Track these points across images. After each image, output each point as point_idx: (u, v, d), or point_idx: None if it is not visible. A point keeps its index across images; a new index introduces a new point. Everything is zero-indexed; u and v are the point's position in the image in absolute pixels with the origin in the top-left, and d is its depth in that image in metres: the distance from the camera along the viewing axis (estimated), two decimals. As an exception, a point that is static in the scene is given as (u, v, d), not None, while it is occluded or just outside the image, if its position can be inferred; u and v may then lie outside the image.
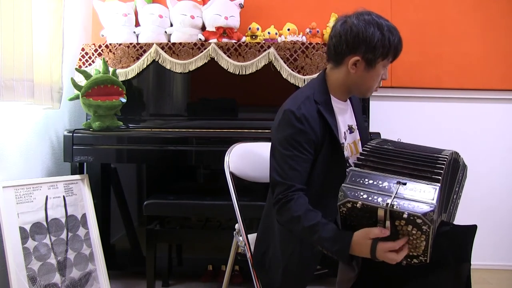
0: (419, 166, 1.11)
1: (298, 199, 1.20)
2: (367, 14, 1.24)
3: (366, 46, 1.22)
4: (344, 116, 1.39)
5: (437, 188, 1.05)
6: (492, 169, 2.59)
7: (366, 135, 1.49)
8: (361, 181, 1.11)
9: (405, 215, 1.01)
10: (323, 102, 1.30)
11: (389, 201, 1.03)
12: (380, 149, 1.21)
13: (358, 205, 1.06)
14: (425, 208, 1.00)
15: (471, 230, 1.20)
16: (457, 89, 2.57)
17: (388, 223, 1.04)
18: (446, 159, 1.13)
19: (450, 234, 1.20)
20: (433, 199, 1.02)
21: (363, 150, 1.22)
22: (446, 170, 1.12)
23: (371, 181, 1.11)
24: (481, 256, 2.47)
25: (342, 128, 1.36)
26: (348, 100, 1.43)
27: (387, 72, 1.31)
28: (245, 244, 1.49)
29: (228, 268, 1.72)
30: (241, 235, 1.52)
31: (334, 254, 1.12)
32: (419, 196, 1.04)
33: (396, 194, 1.06)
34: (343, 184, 1.11)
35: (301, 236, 1.22)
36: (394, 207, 1.02)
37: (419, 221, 1.00)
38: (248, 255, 1.47)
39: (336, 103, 1.36)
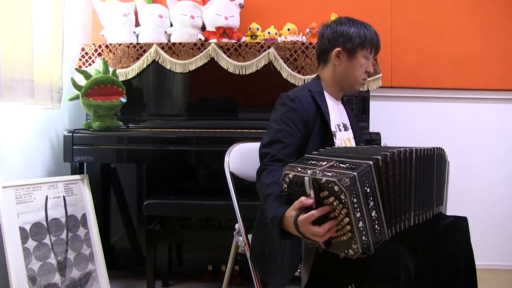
0: (370, 152, 1.09)
1: (272, 170, 1.23)
2: (345, 18, 1.44)
3: (344, 38, 1.40)
4: (336, 111, 1.47)
5: (368, 164, 0.99)
6: (492, 168, 2.59)
7: (360, 138, 1.55)
8: (305, 162, 1.11)
9: (323, 181, 0.97)
10: (317, 92, 1.43)
11: (315, 171, 1.01)
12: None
13: (290, 175, 1.06)
14: (343, 176, 0.95)
15: (461, 221, 1.24)
16: (456, 89, 2.58)
17: (312, 192, 1.00)
18: (404, 148, 1.09)
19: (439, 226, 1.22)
20: (357, 172, 0.96)
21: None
22: (404, 158, 1.07)
23: (314, 162, 1.09)
24: (481, 256, 2.46)
25: (333, 119, 1.43)
26: (341, 103, 1.54)
27: (370, 65, 1.46)
28: (245, 244, 1.49)
29: (228, 268, 1.72)
30: (241, 235, 1.52)
31: (270, 221, 1.14)
32: (348, 170, 0.98)
33: (326, 167, 1.02)
34: (288, 164, 1.13)
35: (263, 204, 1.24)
36: (316, 175, 0.99)
37: (336, 188, 0.95)
38: (248, 254, 1.47)
39: (329, 99, 1.46)
